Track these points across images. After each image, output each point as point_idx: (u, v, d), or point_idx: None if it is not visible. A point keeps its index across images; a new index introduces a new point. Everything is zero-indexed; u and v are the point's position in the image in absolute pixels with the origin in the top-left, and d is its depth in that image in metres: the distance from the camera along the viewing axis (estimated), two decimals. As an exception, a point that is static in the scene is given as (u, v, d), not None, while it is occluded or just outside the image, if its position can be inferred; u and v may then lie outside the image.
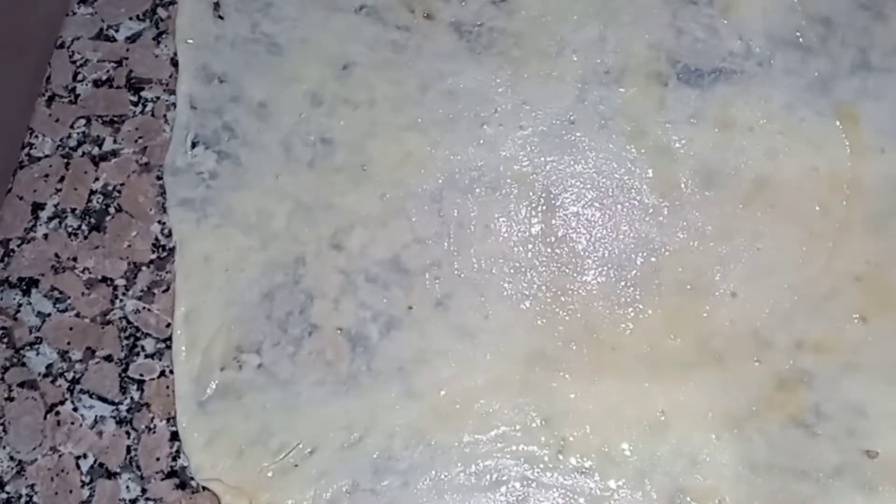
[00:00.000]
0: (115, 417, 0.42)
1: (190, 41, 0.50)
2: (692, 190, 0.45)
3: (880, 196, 0.44)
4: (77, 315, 0.45)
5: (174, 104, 0.49)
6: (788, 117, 0.46)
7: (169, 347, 0.43)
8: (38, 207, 0.47)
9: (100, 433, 0.42)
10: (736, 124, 0.47)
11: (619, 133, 0.47)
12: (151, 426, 0.42)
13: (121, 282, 0.45)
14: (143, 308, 0.45)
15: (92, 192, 0.48)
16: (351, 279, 0.45)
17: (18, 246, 0.46)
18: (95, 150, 0.49)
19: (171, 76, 0.50)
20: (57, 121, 0.50)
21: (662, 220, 0.45)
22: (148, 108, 0.50)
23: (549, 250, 0.45)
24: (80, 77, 0.51)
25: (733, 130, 0.46)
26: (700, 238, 0.44)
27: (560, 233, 0.45)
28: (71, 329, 0.44)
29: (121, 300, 0.45)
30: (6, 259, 0.46)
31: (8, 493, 0.41)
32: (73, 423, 0.42)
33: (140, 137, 0.49)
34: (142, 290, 0.45)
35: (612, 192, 0.46)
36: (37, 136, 0.49)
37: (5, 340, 0.44)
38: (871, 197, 0.45)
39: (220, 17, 0.51)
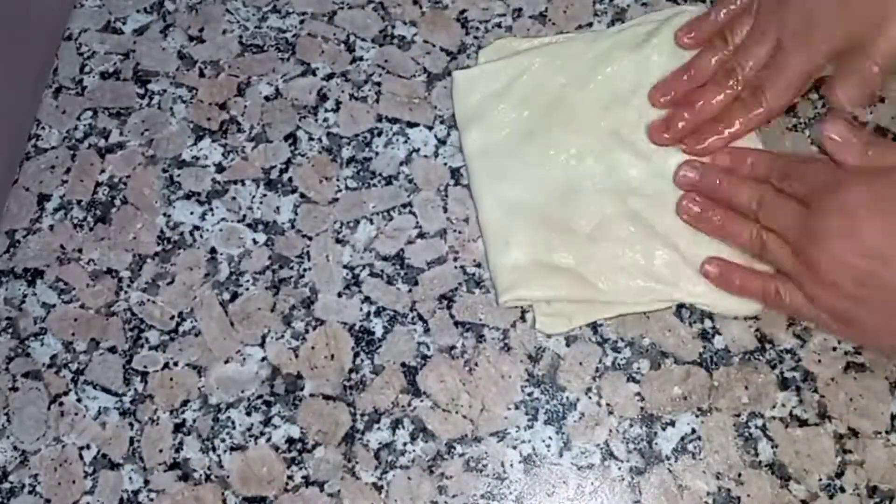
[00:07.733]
0: (118, 409, 0.42)
1: None
2: None
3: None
4: (82, 306, 0.45)
5: (180, 97, 0.50)
6: None
7: (172, 340, 0.43)
8: (44, 199, 0.48)
9: (103, 424, 0.42)
10: None
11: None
12: (154, 418, 0.42)
13: (125, 273, 0.45)
14: (148, 300, 0.45)
15: (98, 184, 0.48)
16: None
17: (24, 237, 0.47)
18: (102, 142, 0.49)
19: (177, 69, 0.50)
20: (64, 112, 0.50)
21: None
22: (154, 101, 0.50)
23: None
24: (87, 69, 0.51)
25: None
26: None
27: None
28: (75, 320, 0.44)
29: (125, 292, 0.45)
30: (12, 250, 0.46)
31: (11, 482, 0.41)
32: (76, 414, 0.42)
33: (146, 130, 0.49)
34: (146, 283, 0.45)
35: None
36: (43, 128, 0.49)
37: (10, 331, 0.44)
38: None
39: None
